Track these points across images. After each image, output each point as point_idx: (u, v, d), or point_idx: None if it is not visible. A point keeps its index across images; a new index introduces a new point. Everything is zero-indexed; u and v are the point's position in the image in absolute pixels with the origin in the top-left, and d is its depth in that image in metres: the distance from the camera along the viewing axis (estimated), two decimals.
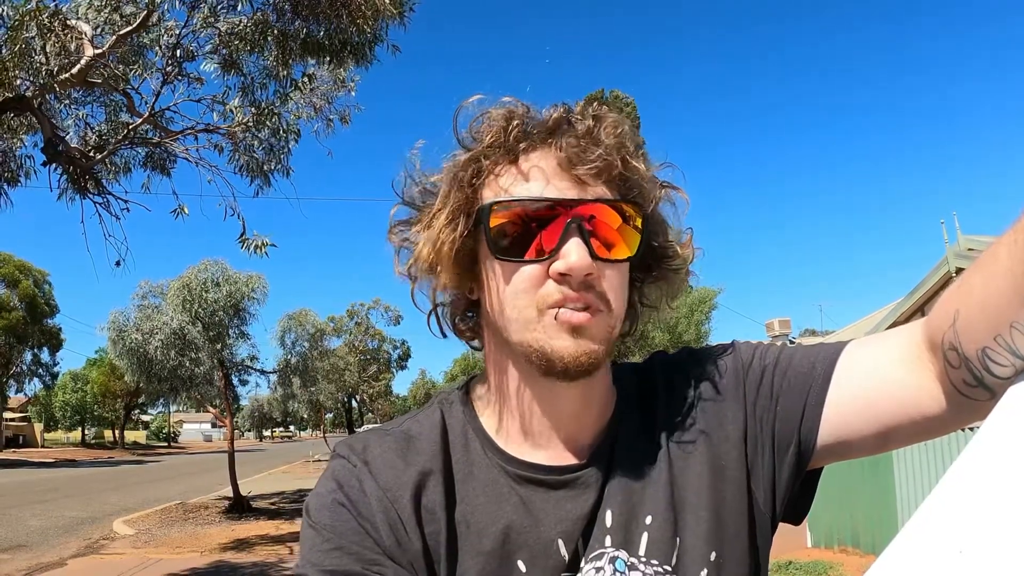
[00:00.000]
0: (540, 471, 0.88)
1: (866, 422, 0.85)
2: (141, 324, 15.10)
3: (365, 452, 0.89)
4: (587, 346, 0.81)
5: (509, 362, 0.89)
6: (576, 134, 0.84)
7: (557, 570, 0.83)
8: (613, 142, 0.85)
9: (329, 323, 34.93)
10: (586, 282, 0.80)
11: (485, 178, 0.86)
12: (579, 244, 0.79)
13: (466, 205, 0.86)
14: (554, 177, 0.83)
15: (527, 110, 0.87)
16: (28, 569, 10.11)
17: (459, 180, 0.86)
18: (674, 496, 0.87)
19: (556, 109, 0.87)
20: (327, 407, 27.90)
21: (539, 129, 0.85)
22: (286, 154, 8.21)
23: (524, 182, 0.84)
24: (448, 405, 0.96)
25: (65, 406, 66.08)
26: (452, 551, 0.84)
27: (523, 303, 0.82)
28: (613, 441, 0.91)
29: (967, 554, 0.52)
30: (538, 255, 0.81)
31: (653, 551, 0.85)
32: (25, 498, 19.98)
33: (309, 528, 0.84)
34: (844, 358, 0.87)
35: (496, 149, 0.85)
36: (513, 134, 0.85)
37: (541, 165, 0.84)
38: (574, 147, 0.83)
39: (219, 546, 12.02)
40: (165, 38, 7.49)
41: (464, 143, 0.89)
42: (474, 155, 0.86)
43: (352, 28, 7.03)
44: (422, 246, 0.87)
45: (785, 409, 0.89)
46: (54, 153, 6.97)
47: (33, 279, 48.47)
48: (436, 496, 0.86)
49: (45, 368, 54.09)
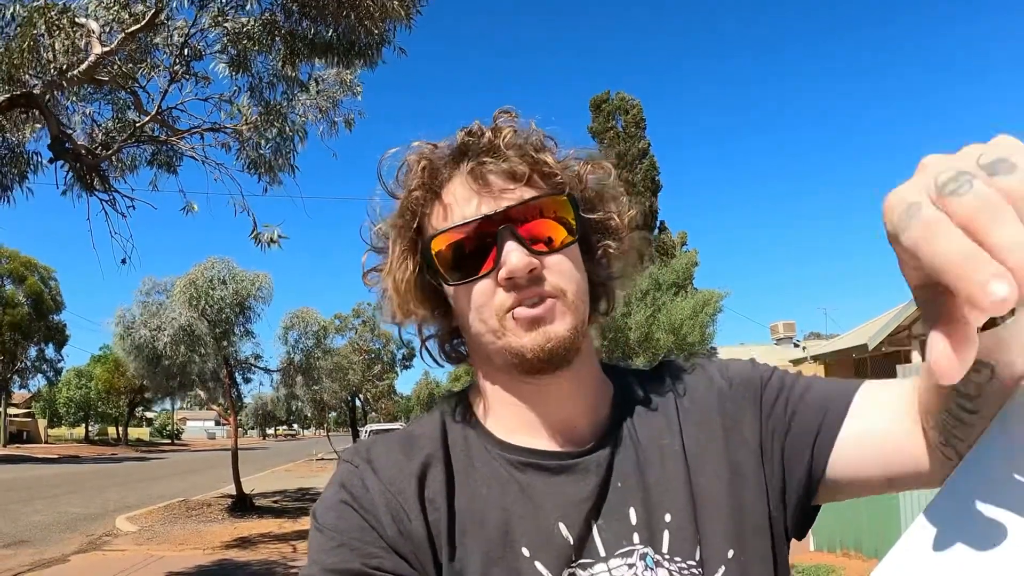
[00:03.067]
0: (540, 456, 0.90)
1: (874, 463, 0.87)
2: (148, 320, 15.12)
3: (368, 453, 0.92)
4: (549, 333, 0.85)
5: (494, 370, 0.94)
6: (480, 151, 0.90)
7: (562, 553, 0.84)
8: (515, 145, 0.90)
9: (335, 321, 34.95)
10: (532, 278, 0.85)
11: (420, 219, 0.93)
12: (514, 247, 0.85)
13: (412, 246, 0.93)
14: (474, 197, 0.89)
15: (434, 148, 0.94)
16: (31, 565, 10.14)
17: (398, 227, 0.94)
18: (692, 493, 0.89)
19: (460, 134, 0.93)
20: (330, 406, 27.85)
21: (448, 160, 0.93)
22: (293, 152, 8.22)
23: (451, 211, 0.90)
24: (448, 408, 1.00)
25: (69, 402, 66.18)
26: (452, 538, 0.85)
27: (486, 315, 0.88)
28: (617, 431, 0.93)
29: (971, 559, 0.52)
30: (485, 271, 0.87)
31: (676, 548, 0.86)
32: (28, 494, 20.03)
33: (315, 530, 0.87)
34: (860, 397, 0.89)
35: (420, 191, 0.92)
36: (428, 173, 0.92)
37: (458, 191, 0.90)
38: (481, 162, 0.89)
39: (222, 544, 12.04)
40: (173, 37, 7.50)
41: (394, 194, 0.96)
42: (404, 204, 0.93)
43: (360, 29, 7.04)
44: (390, 289, 0.95)
45: (797, 434, 0.91)
46: (61, 150, 6.98)
47: (39, 275, 48.61)
48: (437, 485, 0.88)
49: (50, 364, 54.27)
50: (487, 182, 0.89)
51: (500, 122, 0.94)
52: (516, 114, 0.95)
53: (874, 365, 20.78)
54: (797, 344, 33.53)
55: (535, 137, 0.93)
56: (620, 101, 30.92)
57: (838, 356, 22.10)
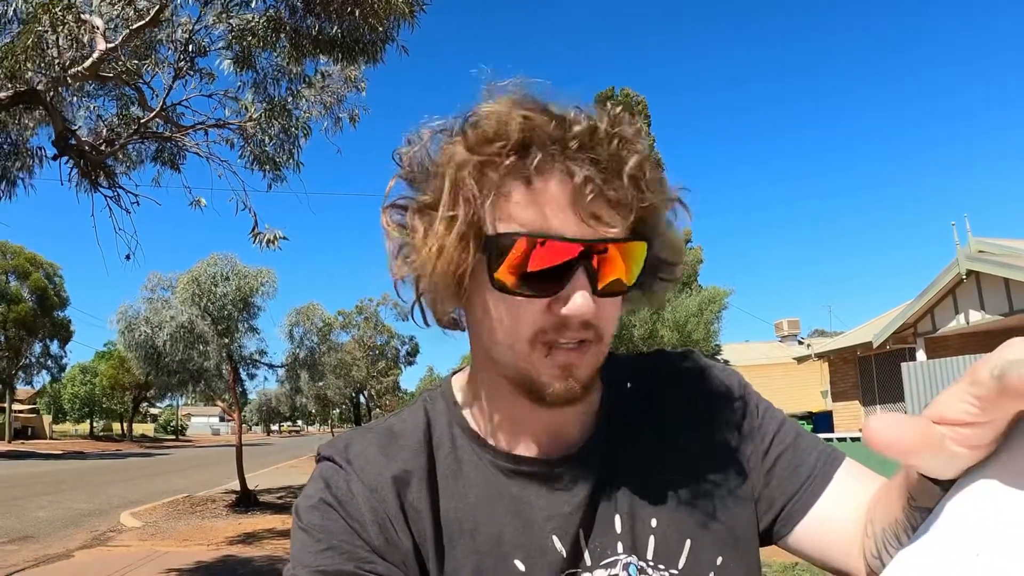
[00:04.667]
0: (530, 464, 0.87)
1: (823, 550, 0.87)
2: (150, 317, 15.13)
3: (347, 451, 0.87)
4: (575, 384, 0.79)
5: (494, 372, 0.86)
6: (599, 161, 0.75)
7: (555, 566, 0.82)
8: (636, 172, 0.76)
9: (338, 317, 34.95)
10: (584, 322, 0.77)
11: (491, 193, 0.75)
12: (585, 287, 0.74)
13: (476, 230, 0.76)
14: (568, 208, 0.74)
15: (545, 116, 0.75)
16: (35, 560, 10.15)
17: (461, 187, 0.75)
18: (682, 498, 0.87)
19: (578, 118, 0.76)
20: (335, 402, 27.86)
21: (557, 145, 0.74)
22: (297, 149, 8.22)
23: (535, 211, 0.74)
24: (432, 403, 0.94)
25: (74, 398, 66.28)
26: (440, 548, 0.83)
27: (517, 335, 0.78)
28: (606, 435, 0.90)
29: (984, 557, 0.51)
30: (539, 292, 0.76)
31: (661, 555, 0.84)
32: (33, 489, 20.07)
33: (299, 530, 0.83)
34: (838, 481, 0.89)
35: (513, 162, 0.74)
36: (532, 152, 0.74)
37: (556, 193, 0.74)
38: (596, 178, 0.74)
39: (226, 539, 12.04)
40: (178, 33, 7.51)
41: (469, 142, 0.76)
42: (478, 163, 0.75)
43: (364, 26, 7.04)
44: (429, 262, 0.77)
45: (779, 479, 0.91)
46: (65, 146, 7.00)
47: (44, 272, 48.69)
48: (420, 493, 0.84)
49: (54, 360, 54.36)
50: (592, 202, 0.74)
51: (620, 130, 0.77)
52: (635, 114, 0.82)
53: (878, 363, 20.75)
54: (801, 341, 33.53)
55: (654, 165, 0.79)
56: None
57: (842, 353, 22.07)
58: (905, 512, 0.68)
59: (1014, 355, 0.47)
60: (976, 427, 0.51)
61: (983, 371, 0.48)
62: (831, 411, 23.43)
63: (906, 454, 0.53)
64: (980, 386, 0.49)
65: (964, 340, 17.61)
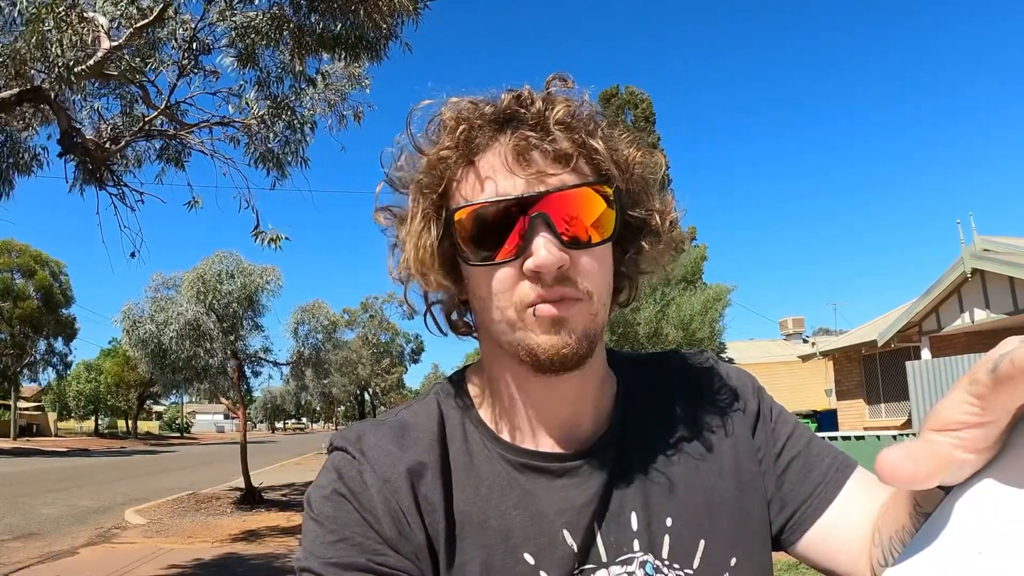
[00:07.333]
0: (542, 459, 0.87)
1: (832, 557, 0.87)
2: (155, 315, 15.15)
3: (360, 442, 0.87)
4: (568, 337, 0.79)
5: (502, 358, 0.88)
6: (527, 123, 0.81)
7: (566, 561, 0.82)
8: (563, 118, 0.82)
9: (343, 315, 34.99)
10: (560, 275, 0.78)
11: (448, 184, 0.84)
12: (547, 239, 0.77)
13: (435, 211, 0.84)
14: (512, 172, 0.80)
15: (475, 107, 0.85)
16: (40, 557, 10.18)
17: (422, 186, 0.85)
18: (696, 498, 0.87)
19: (506, 97, 0.84)
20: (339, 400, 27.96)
21: (489, 125, 0.83)
22: (303, 145, 8.22)
23: (483, 183, 0.81)
24: (444, 396, 0.94)
25: (79, 396, 66.42)
26: (451, 541, 0.82)
27: (503, 304, 0.81)
28: (620, 431, 0.90)
29: (987, 555, 0.51)
30: (509, 256, 0.79)
31: (676, 554, 0.84)
32: (38, 487, 20.13)
33: (311, 520, 0.83)
34: (849, 489, 0.89)
35: (452, 153, 0.83)
36: (463, 136, 0.82)
37: (496, 163, 0.81)
38: (526, 137, 0.80)
39: (230, 537, 12.07)
40: (181, 31, 7.51)
41: (421, 148, 0.86)
42: (432, 162, 0.84)
43: (368, 23, 7.03)
44: (408, 248, 0.86)
45: (790, 483, 0.91)
46: (70, 145, 7.01)
47: (50, 270, 48.79)
48: (434, 486, 0.84)
49: (59, 358, 54.47)
50: (529, 160, 0.80)
51: (552, 90, 0.86)
52: (572, 82, 0.87)
53: (883, 361, 20.72)
54: (806, 340, 33.43)
55: (587, 114, 0.85)
56: (630, 95, 30.90)
57: (847, 352, 22.03)
58: (912, 519, 0.68)
59: (1005, 348, 0.49)
60: (980, 428, 0.51)
61: (980, 371, 0.50)
62: (835, 409, 23.39)
63: (927, 482, 0.53)
64: (978, 384, 0.50)
65: (969, 338, 17.57)
